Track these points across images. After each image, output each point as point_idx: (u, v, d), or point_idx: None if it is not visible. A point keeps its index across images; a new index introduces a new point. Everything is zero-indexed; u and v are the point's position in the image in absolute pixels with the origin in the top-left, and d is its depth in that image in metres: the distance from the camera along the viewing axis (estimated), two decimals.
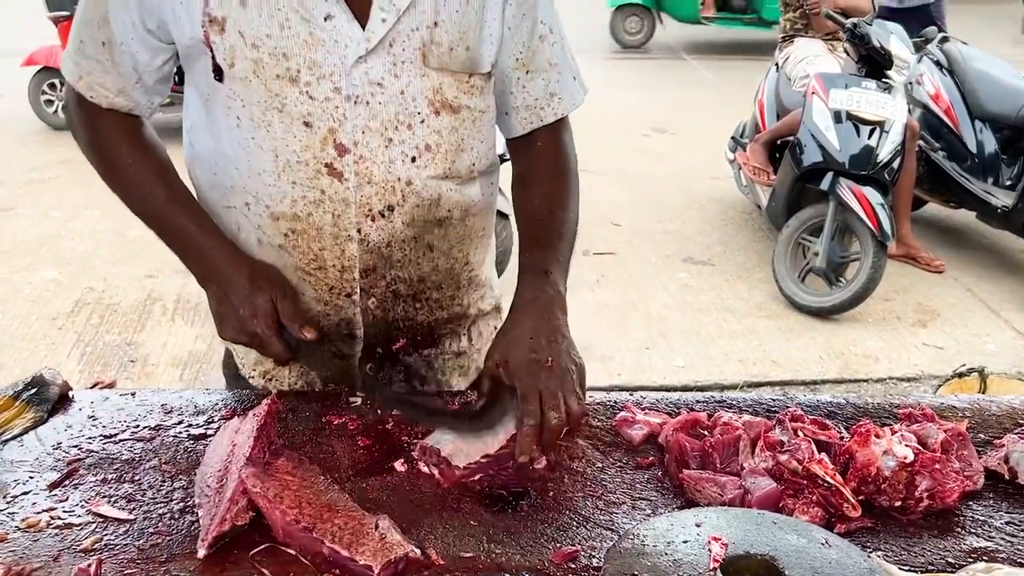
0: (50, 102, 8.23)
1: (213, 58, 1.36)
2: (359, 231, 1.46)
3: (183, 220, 1.47)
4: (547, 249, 1.51)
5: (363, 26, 1.36)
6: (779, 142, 5.76)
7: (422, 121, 1.44)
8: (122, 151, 1.49)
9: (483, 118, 1.52)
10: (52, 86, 8.17)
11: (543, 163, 1.61)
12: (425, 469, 1.33)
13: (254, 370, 1.63)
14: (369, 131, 1.40)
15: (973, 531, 1.25)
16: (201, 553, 1.12)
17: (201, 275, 1.48)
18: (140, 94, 1.48)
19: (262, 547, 1.14)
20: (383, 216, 1.46)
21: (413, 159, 1.45)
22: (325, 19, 1.34)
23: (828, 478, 1.26)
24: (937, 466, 1.29)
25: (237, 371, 1.67)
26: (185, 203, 1.49)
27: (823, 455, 1.32)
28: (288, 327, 1.41)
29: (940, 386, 3.49)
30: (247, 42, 1.35)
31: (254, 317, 1.40)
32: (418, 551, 1.12)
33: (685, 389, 4.12)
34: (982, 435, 1.48)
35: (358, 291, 1.51)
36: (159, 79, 1.48)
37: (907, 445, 1.32)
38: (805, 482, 1.27)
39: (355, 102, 1.39)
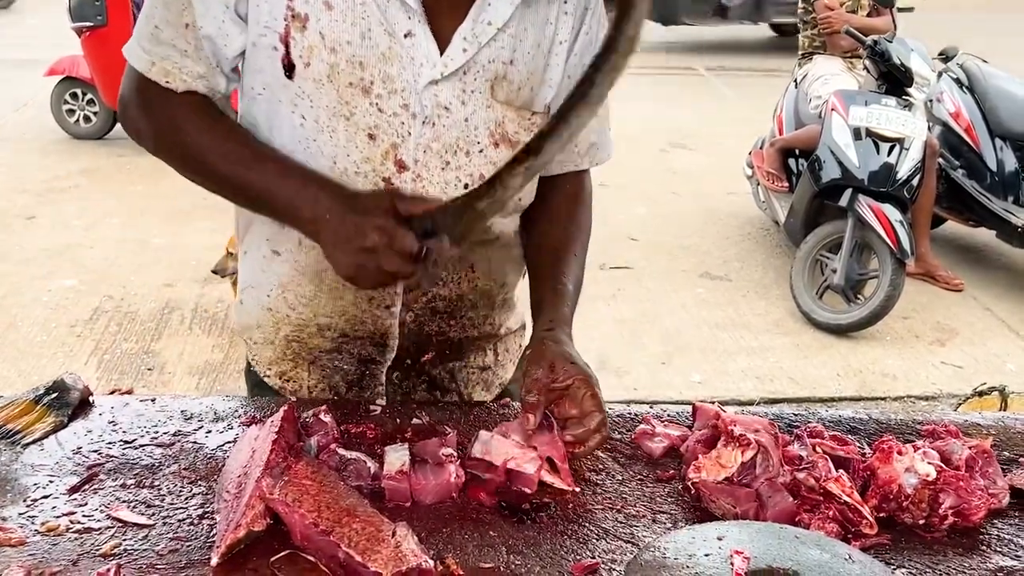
0: (72, 111, 8.29)
1: (287, 54, 1.35)
2: None
3: (273, 172, 1.36)
4: (564, 283, 1.54)
5: (441, 49, 1.37)
6: (797, 152, 5.74)
7: (480, 151, 1.45)
8: (202, 127, 1.41)
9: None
10: (74, 96, 8.24)
11: (568, 204, 1.65)
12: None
13: (269, 369, 1.63)
14: (430, 151, 1.41)
15: (999, 550, 1.23)
16: (214, 560, 1.12)
17: (309, 218, 1.33)
18: (220, 79, 1.42)
19: (282, 554, 1.14)
20: None
21: (466, 186, 1.45)
22: (405, 36, 1.35)
23: (845, 496, 1.25)
24: (961, 483, 1.28)
25: (259, 380, 1.66)
26: (275, 155, 1.39)
27: (841, 472, 1.31)
28: (414, 216, 1.27)
29: (960, 405, 3.47)
30: (326, 45, 1.34)
31: (372, 214, 1.27)
32: (431, 563, 1.11)
33: None
34: (1007, 453, 1.46)
35: (399, 304, 1.52)
36: (234, 67, 1.43)
37: (930, 463, 1.30)
38: (821, 498, 1.27)
39: (422, 122, 1.39)
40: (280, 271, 1.53)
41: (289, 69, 1.36)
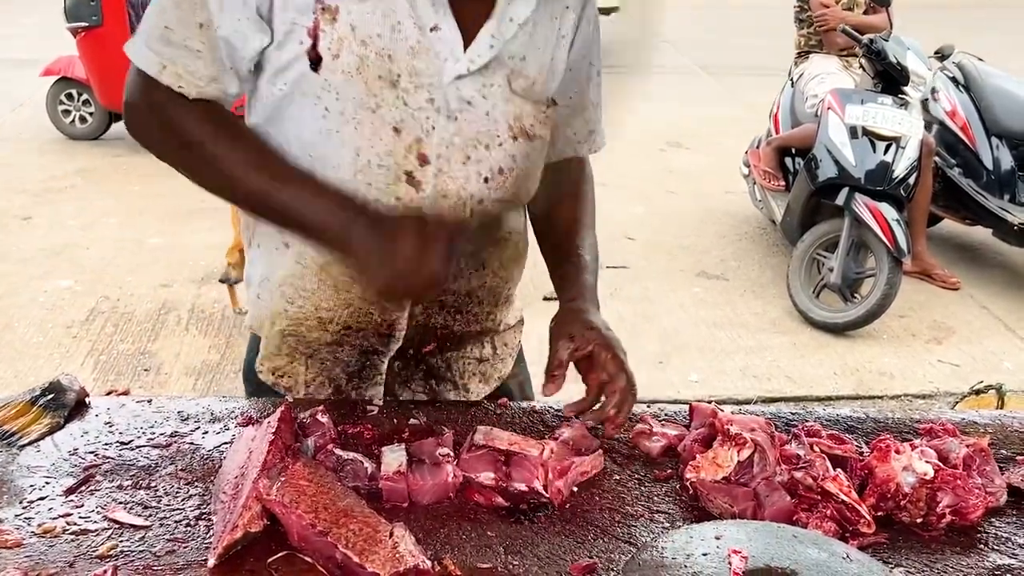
0: (67, 112, 8.28)
1: (314, 47, 1.33)
2: None
3: (297, 190, 1.34)
4: (581, 255, 1.65)
5: (465, 43, 1.37)
6: (794, 151, 5.75)
7: (500, 144, 1.45)
8: (216, 138, 1.37)
9: (546, 148, 1.56)
10: (70, 96, 8.23)
11: (572, 181, 1.72)
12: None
13: (262, 365, 1.62)
14: (452, 146, 1.41)
15: (996, 548, 1.23)
16: (211, 562, 1.12)
17: (336, 236, 1.32)
18: (232, 81, 1.38)
19: (279, 555, 1.13)
20: None
21: (486, 180, 1.46)
22: (431, 29, 1.35)
23: (842, 495, 1.25)
24: (958, 482, 1.28)
25: (258, 385, 1.65)
26: (296, 174, 1.36)
27: (839, 471, 1.31)
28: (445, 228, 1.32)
29: (957, 403, 3.47)
30: (357, 38, 1.33)
31: (404, 238, 1.28)
32: (429, 563, 1.11)
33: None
34: (1004, 451, 1.46)
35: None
36: (251, 69, 1.39)
37: (927, 461, 1.31)
38: (819, 497, 1.27)
39: (446, 116, 1.39)
40: (282, 264, 1.52)
41: (316, 62, 1.34)
